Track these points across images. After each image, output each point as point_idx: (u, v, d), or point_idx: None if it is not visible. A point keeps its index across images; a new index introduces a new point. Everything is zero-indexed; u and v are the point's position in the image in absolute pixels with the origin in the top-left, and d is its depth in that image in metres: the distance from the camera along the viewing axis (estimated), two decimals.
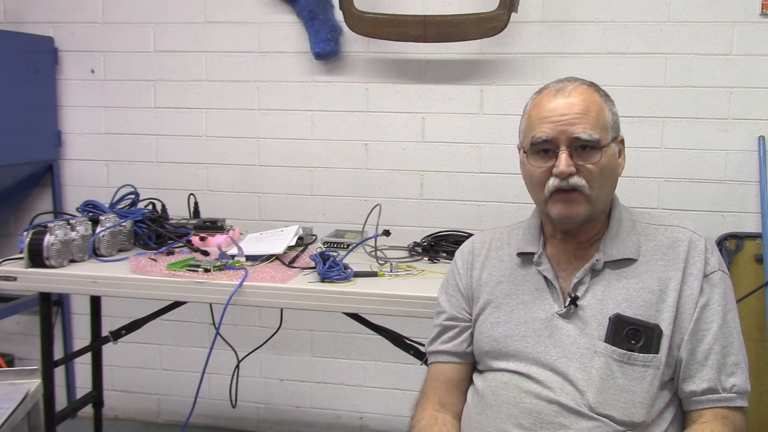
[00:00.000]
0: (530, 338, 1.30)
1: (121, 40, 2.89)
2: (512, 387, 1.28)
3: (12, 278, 1.88)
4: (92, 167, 2.98)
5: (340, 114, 2.78)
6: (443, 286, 1.48)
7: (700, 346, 1.24)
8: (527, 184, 1.36)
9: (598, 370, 1.23)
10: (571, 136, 1.25)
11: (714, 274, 1.28)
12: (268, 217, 2.85)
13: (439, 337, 1.43)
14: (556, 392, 1.24)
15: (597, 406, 1.22)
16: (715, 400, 1.24)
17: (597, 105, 1.29)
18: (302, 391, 2.96)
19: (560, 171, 1.25)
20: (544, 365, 1.27)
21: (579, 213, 1.27)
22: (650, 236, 1.33)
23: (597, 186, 1.27)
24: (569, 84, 1.31)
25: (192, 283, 1.79)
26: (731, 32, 2.50)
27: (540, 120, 1.29)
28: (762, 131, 2.52)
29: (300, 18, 2.72)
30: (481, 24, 2.50)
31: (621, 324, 1.24)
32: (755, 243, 2.51)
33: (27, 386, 1.36)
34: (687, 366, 1.25)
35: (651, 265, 1.29)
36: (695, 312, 1.25)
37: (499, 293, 1.37)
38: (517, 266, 1.38)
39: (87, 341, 2.50)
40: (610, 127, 1.30)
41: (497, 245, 1.44)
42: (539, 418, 1.24)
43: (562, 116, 1.26)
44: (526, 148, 1.32)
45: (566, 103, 1.28)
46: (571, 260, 1.34)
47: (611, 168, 1.30)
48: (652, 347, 1.23)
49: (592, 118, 1.27)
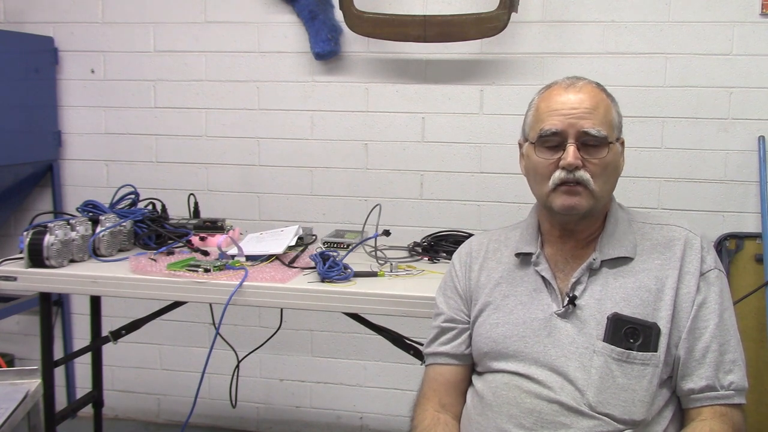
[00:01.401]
0: (529, 338, 1.30)
1: (121, 40, 2.89)
2: (512, 387, 1.28)
3: (12, 278, 1.87)
4: (92, 167, 2.98)
5: (340, 114, 2.78)
6: (441, 288, 1.49)
7: (698, 344, 1.25)
8: (530, 177, 1.36)
9: (598, 370, 1.24)
10: (580, 130, 1.27)
11: (710, 273, 1.29)
12: (268, 217, 2.85)
13: (437, 339, 1.44)
14: (556, 392, 1.24)
15: (597, 405, 1.22)
16: (713, 398, 1.24)
17: (605, 103, 1.32)
18: (302, 391, 2.96)
19: (568, 163, 1.26)
20: (544, 365, 1.27)
21: (582, 205, 1.28)
22: (646, 235, 1.34)
23: (601, 182, 1.28)
24: (579, 80, 1.33)
25: (192, 283, 1.79)
26: (731, 32, 2.50)
27: (550, 112, 1.30)
28: (762, 131, 2.52)
29: (300, 18, 2.72)
30: (481, 24, 2.50)
31: (619, 323, 1.24)
32: (755, 243, 2.51)
33: (27, 386, 1.36)
34: (685, 364, 1.25)
35: (648, 264, 1.30)
36: (692, 310, 1.26)
37: (497, 294, 1.37)
38: (515, 267, 1.39)
39: (87, 341, 2.49)
40: (615, 127, 1.32)
41: (495, 247, 1.44)
42: (540, 417, 1.24)
43: (572, 110, 1.28)
44: (533, 139, 1.32)
45: (577, 98, 1.29)
46: (569, 260, 1.34)
47: (615, 166, 1.32)
48: (650, 346, 1.23)
49: (601, 114, 1.29)
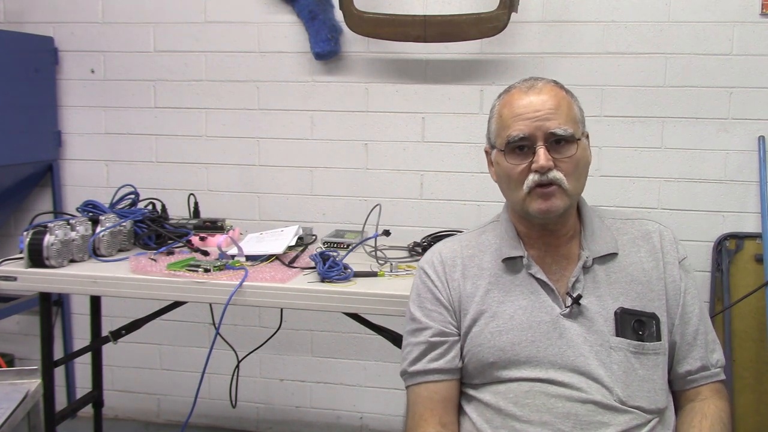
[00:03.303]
0: (540, 342, 1.28)
1: (121, 40, 2.88)
2: (537, 394, 1.25)
3: (12, 278, 1.87)
4: (92, 167, 2.98)
5: (340, 114, 2.78)
6: (416, 302, 1.39)
7: (688, 329, 1.32)
8: (502, 184, 1.36)
9: (619, 365, 1.26)
10: (547, 132, 1.27)
11: (684, 261, 1.37)
12: (268, 217, 2.85)
13: (426, 355, 1.34)
14: (586, 392, 1.24)
15: (627, 399, 1.24)
16: (707, 376, 1.33)
17: (566, 101, 1.32)
18: (302, 391, 2.96)
19: (540, 165, 1.26)
20: (564, 367, 1.26)
21: (558, 206, 1.28)
22: (621, 230, 1.38)
23: (573, 179, 1.29)
24: (538, 81, 1.33)
25: (192, 283, 1.79)
26: (731, 32, 2.50)
27: (514, 118, 1.29)
28: (762, 131, 2.52)
29: (300, 18, 2.72)
30: (481, 24, 2.50)
31: (627, 317, 1.28)
32: (755, 243, 2.51)
33: (27, 386, 1.36)
34: (680, 348, 1.32)
35: (632, 258, 1.34)
36: (681, 297, 1.32)
37: (490, 302, 1.33)
38: (502, 272, 1.35)
39: (87, 341, 2.50)
40: (579, 122, 1.33)
41: (469, 254, 1.39)
42: (578, 420, 1.22)
43: (536, 112, 1.28)
44: (501, 146, 1.32)
45: (539, 99, 1.29)
46: (556, 260, 1.34)
47: (585, 161, 1.33)
48: (656, 335, 1.28)
49: (564, 113, 1.29)
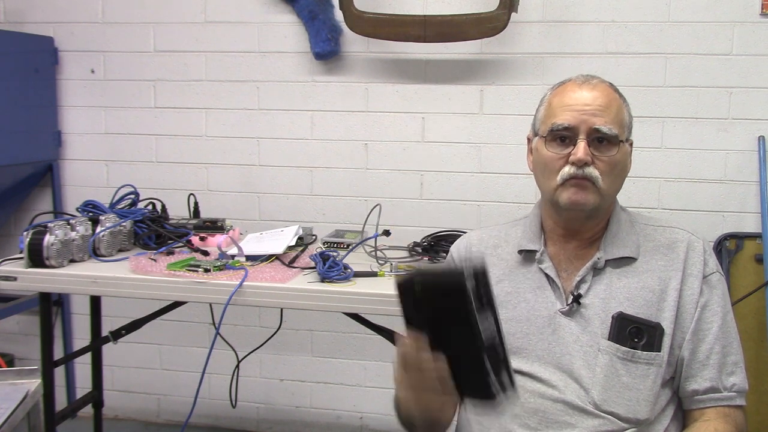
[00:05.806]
0: (533, 335, 1.30)
1: (121, 40, 2.88)
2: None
3: (12, 278, 1.87)
4: (92, 167, 2.98)
5: (340, 114, 2.78)
6: None
7: (702, 346, 1.26)
8: (538, 172, 1.36)
9: (603, 368, 1.24)
10: (592, 127, 1.27)
11: (712, 276, 1.31)
12: (268, 217, 2.85)
13: None
14: (561, 390, 1.24)
15: (602, 404, 1.23)
16: (717, 399, 1.26)
17: (618, 102, 1.33)
18: (302, 391, 2.96)
19: (578, 158, 1.26)
20: (548, 362, 1.27)
21: (589, 201, 1.28)
22: (649, 236, 1.35)
23: (609, 180, 1.29)
24: (593, 78, 1.34)
25: (192, 283, 1.79)
26: (731, 32, 2.50)
27: (563, 107, 1.30)
28: (762, 131, 2.52)
29: (300, 18, 2.71)
30: (481, 24, 2.50)
31: (624, 322, 1.25)
32: (755, 243, 2.51)
33: (27, 386, 1.36)
34: (689, 365, 1.27)
35: (651, 265, 1.31)
36: (696, 312, 1.27)
37: (500, 291, 1.35)
38: (518, 264, 1.38)
39: (87, 341, 2.50)
40: (626, 127, 1.33)
41: (495, 243, 1.43)
42: (545, 417, 1.24)
43: (585, 106, 1.28)
44: (543, 133, 1.32)
45: (591, 95, 1.30)
46: (572, 260, 1.34)
47: (623, 165, 1.33)
48: (654, 346, 1.24)
49: (613, 113, 1.29)
